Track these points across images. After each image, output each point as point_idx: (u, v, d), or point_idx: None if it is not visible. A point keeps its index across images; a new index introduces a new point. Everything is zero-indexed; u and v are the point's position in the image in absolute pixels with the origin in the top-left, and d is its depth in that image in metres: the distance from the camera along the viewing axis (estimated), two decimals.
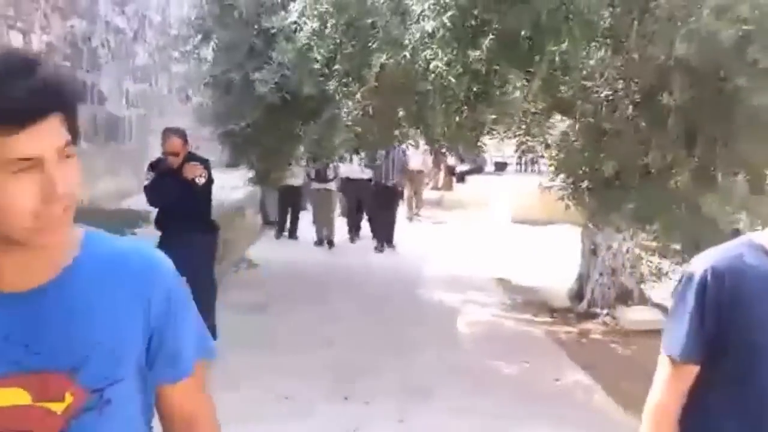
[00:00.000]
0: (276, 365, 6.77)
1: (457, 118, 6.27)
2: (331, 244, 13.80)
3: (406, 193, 17.29)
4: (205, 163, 6.86)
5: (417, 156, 16.25)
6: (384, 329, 8.12)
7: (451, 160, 21.68)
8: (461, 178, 22.63)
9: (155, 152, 11.18)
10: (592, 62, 6.16)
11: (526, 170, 20.48)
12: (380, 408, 5.95)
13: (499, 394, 6.31)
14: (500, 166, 23.27)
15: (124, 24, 10.31)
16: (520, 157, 14.42)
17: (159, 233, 6.93)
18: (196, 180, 6.68)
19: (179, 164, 6.71)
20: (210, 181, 6.90)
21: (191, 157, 6.83)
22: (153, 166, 7.02)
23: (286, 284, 10.29)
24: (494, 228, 16.17)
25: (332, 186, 13.95)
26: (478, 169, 23.48)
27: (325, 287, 10.21)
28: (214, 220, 7.23)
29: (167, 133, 6.90)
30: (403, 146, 11.96)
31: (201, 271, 6.53)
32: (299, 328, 7.99)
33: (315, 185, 13.90)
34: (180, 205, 6.68)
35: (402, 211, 16.01)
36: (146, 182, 6.92)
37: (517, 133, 7.70)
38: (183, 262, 6.25)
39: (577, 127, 6.36)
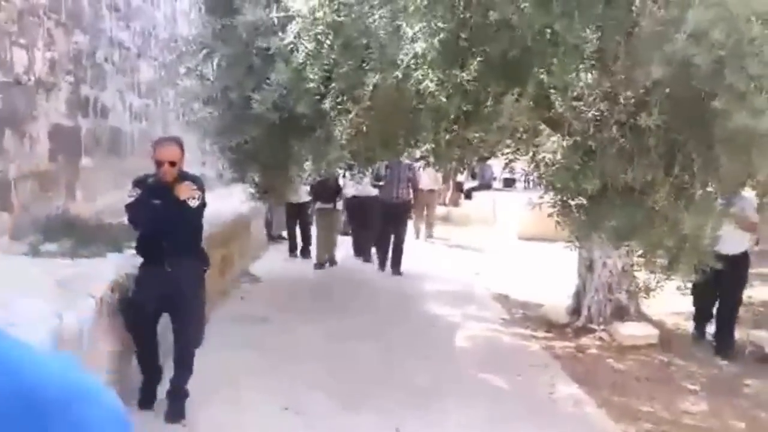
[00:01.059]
0: (276, 376, 6.93)
1: (447, 137, 6.44)
2: (333, 262, 13.40)
3: (416, 213, 16.79)
4: (199, 183, 6.01)
5: (429, 174, 15.75)
6: (383, 343, 8.30)
7: (460, 177, 21.83)
8: (468, 194, 22.74)
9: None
10: (581, 83, 6.33)
11: (533, 187, 20.55)
12: (377, 419, 6.14)
13: (493, 407, 6.50)
14: (508, 183, 23.40)
15: (129, 40, 10.44)
16: (527, 174, 14.57)
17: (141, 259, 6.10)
18: (189, 202, 5.82)
19: (171, 181, 5.82)
20: (203, 204, 6.02)
21: (183, 175, 5.98)
22: (138, 183, 6.04)
23: (289, 298, 10.46)
24: (500, 244, 16.33)
25: (337, 206, 13.45)
26: (486, 186, 23.62)
27: (326, 302, 10.40)
28: (203, 249, 6.34)
29: (162, 141, 6.08)
30: (415, 164, 12.16)
31: (190, 309, 5.98)
32: (299, 342, 8.15)
33: (319, 205, 13.34)
34: (168, 230, 5.81)
35: (412, 232, 15.70)
36: (129, 200, 5.94)
37: (506, 152, 7.88)
38: (169, 297, 5.73)
39: (564, 144, 6.50)
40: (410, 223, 15.43)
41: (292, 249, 14.32)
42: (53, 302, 5.08)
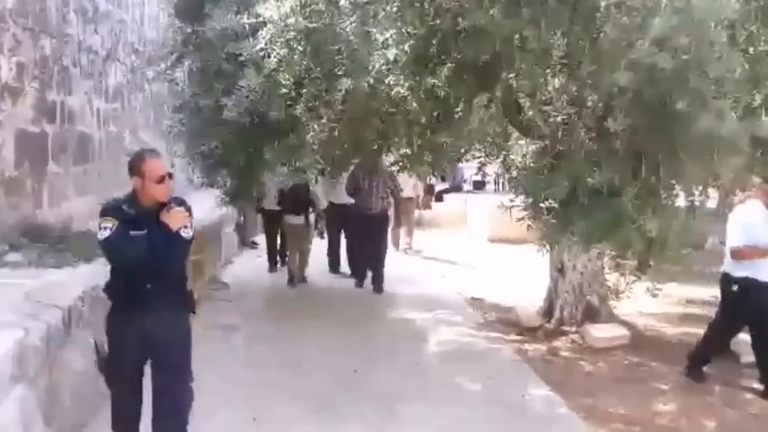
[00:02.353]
0: (246, 385, 6.92)
1: (419, 141, 6.49)
2: (304, 280, 12.07)
3: (395, 223, 15.05)
4: (188, 207, 4.87)
5: (406, 182, 14.16)
6: (355, 350, 8.27)
7: (431, 180, 21.75)
8: (439, 197, 22.73)
9: (126, 170, 11.30)
10: (549, 88, 6.40)
11: (503, 190, 20.55)
12: (348, 425, 6.14)
13: (465, 411, 6.51)
14: (478, 185, 23.40)
15: (97, 44, 10.36)
16: (498, 177, 14.58)
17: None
18: (182, 233, 4.72)
19: (157, 207, 4.74)
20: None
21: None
22: (111, 211, 4.72)
23: (260, 306, 10.44)
24: (471, 247, 16.36)
25: (309, 219, 11.97)
26: (456, 188, 23.62)
27: (298, 308, 10.38)
28: (191, 291, 5.23)
29: (150, 152, 4.96)
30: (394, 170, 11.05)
31: (182, 363, 5.00)
32: (269, 350, 8.14)
33: (289, 219, 11.87)
34: (154, 269, 4.69)
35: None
36: (105, 233, 4.58)
37: (477, 156, 7.93)
38: (154, 350, 4.87)
39: (533, 148, 6.56)
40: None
41: (272, 263, 13.12)
42: (19, 313, 5.05)
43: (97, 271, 6.23)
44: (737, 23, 5.38)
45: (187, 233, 4.76)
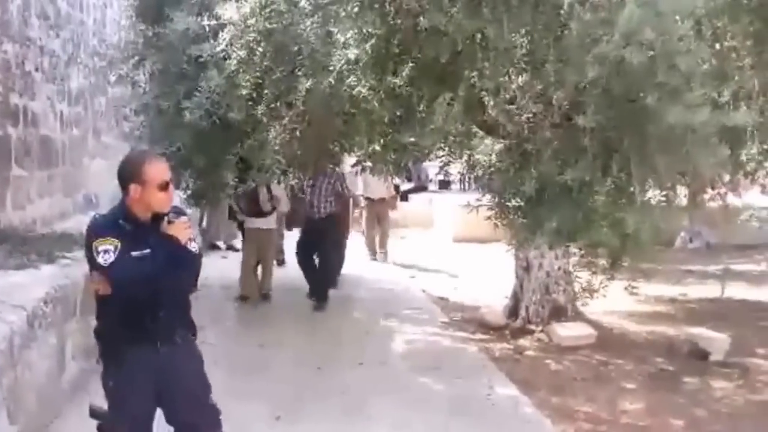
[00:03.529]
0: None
1: (381, 141, 6.46)
2: (267, 297, 10.71)
3: (366, 228, 15.03)
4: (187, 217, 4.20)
5: (378, 182, 13.29)
6: (318, 351, 8.21)
7: (396, 179, 21.67)
8: (404, 197, 22.68)
9: (90, 174, 11.26)
10: (513, 86, 6.39)
11: (469, 189, 20.52)
12: (314, 427, 6.08)
13: (431, 410, 6.43)
14: (444, 185, 23.38)
15: (59, 47, 10.29)
16: (463, 176, 14.53)
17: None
18: (189, 246, 4.01)
19: (156, 220, 3.97)
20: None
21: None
22: (105, 229, 3.90)
23: (222, 308, 10.34)
24: (436, 246, 16.36)
25: (272, 223, 10.75)
26: (421, 188, 23.60)
27: (263, 309, 10.29)
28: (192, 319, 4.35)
29: (152, 157, 4.12)
30: (349, 171, 11.12)
31: (203, 401, 4.29)
32: (231, 352, 8.03)
33: (250, 222, 10.60)
34: (164, 292, 3.97)
35: (359, 251, 14.29)
36: (108, 258, 3.78)
37: (440, 155, 7.91)
38: (169, 392, 4.09)
39: (498, 147, 6.55)
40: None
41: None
42: None
43: (61, 272, 6.24)
44: (703, 18, 5.38)
45: (194, 246, 4.06)
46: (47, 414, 5.73)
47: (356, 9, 5.67)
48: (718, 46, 5.70)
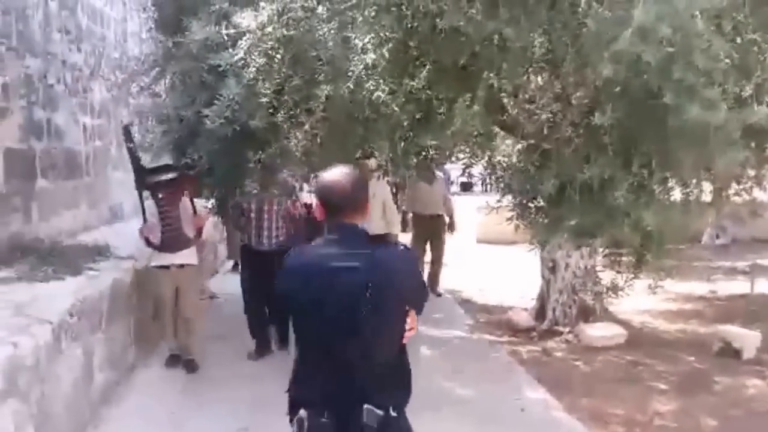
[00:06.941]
0: (234, 397, 6.90)
1: (402, 144, 6.45)
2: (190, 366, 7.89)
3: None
4: None
5: (431, 193, 11.35)
6: None
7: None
8: None
9: (114, 184, 11.33)
10: (532, 86, 6.37)
11: (491, 190, 20.39)
12: None
13: (460, 416, 6.40)
14: (466, 186, 23.31)
15: (81, 61, 10.40)
16: (484, 178, 14.50)
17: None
18: None
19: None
20: None
21: None
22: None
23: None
24: (460, 248, 16.31)
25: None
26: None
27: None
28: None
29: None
30: (304, 194, 9.59)
31: None
32: (254, 362, 8.13)
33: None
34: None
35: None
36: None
37: (462, 157, 7.89)
38: None
39: (519, 147, 6.53)
40: None
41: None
42: (9, 328, 5.02)
43: (84, 285, 6.31)
44: (724, 12, 5.32)
45: None
46: (75, 427, 5.78)
47: (373, 13, 5.67)
48: (739, 40, 5.63)
